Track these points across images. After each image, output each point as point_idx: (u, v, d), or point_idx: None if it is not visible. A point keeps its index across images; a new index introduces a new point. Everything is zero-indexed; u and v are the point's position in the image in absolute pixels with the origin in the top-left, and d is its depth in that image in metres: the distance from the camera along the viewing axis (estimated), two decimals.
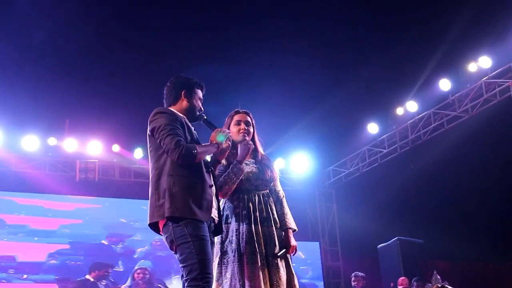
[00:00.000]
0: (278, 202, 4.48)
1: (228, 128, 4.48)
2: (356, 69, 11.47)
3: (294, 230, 4.41)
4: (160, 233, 3.83)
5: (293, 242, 4.33)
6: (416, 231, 11.68)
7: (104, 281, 11.14)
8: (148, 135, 3.93)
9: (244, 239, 4.18)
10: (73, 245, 11.49)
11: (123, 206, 11.91)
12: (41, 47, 10.37)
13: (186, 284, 3.66)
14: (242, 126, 4.46)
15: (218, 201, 4.03)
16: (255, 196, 4.35)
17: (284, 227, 4.37)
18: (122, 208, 11.89)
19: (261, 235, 4.21)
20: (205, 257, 3.65)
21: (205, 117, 4.12)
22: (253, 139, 4.50)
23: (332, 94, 11.49)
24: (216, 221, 3.96)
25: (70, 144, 11.59)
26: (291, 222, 4.41)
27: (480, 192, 11.73)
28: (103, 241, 11.72)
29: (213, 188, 3.93)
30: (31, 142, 11.28)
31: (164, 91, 4.18)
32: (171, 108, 4.06)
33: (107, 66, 10.69)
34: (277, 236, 4.28)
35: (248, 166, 4.41)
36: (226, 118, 4.56)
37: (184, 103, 4.09)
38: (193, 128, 4.06)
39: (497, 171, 11.97)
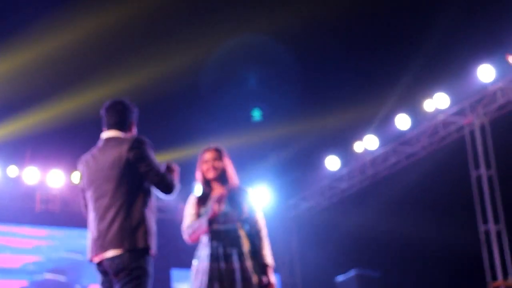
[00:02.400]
0: (256, 236, 4.50)
1: (200, 168, 4.59)
2: (314, 105, 11.65)
3: (272, 267, 4.46)
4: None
5: (272, 280, 4.39)
6: (375, 265, 11.80)
7: None
8: (127, 159, 3.86)
9: (204, 278, 4.23)
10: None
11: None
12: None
13: None
14: (209, 164, 4.54)
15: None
16: (221, 234, 4.37)
17: (262, 262, 4.42)
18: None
19: (222, 273, 4.24)
20: None
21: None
22: (223, 173, 4.56)
23: (293, 127, 11.66)
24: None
25: (31, 174, 11.41)
26: (268, 258, 4.45)
27: (437, 228, 11.92)
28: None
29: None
30: None
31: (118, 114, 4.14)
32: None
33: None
34: (241, 271, 4.27)
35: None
36: (198, 157, 4.64)
37: (134, 131, 4.18)
38: None
39: (455, 208, 12.17)
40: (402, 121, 11.08)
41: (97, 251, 3.79)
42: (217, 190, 4.53)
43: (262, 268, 4.38)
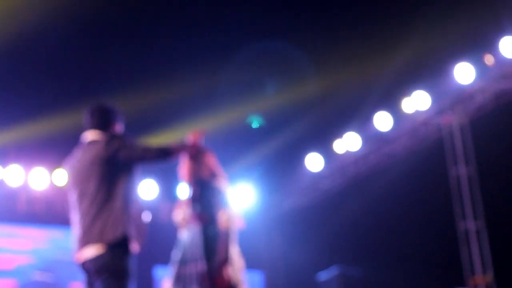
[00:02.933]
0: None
1: None
2: (304, 103, 11.66)
3: None
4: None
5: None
6: (357, 263, 11.91)
7: None
8: (105, 156, 3.99)
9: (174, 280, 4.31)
10: None
11: None
12: None
13: None
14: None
15: None
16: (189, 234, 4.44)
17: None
18: None
19: (186, 275, 4.35)
20: None
21: None
22: None
23: (276, 126, 11.72)
24: None
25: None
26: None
27: (419, 228, 12.03)
28: None
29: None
30: None
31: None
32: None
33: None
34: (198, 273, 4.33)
35: None
36: None
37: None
38: None
39: (437, 209, 12.28)
40: (383, 120, 11.16)
41: (80, 249, 3.85)
42: None
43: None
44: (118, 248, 3.75)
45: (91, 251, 3.76)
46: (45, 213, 11.78)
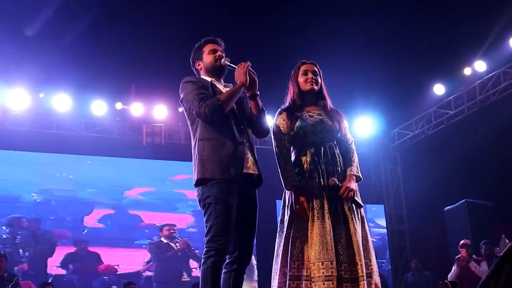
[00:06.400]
0: (346, 151, 4.30)
1: (296, 80, 4.36)
2: (422, 30, 11.17)
3: (357, 177, 4.21)
4: None
5: (349, 184, 4.10)
6: (483, 194, 11.43)
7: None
8: (180, 100, 4.14)
9: (312, 194, 4.07)
10: None
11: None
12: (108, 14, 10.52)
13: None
14: (310, 75, 4.31)
15: (254, 155, 4.07)
16: (321, 148, 4.18)
17: (347, 173, 4.18)
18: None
19: (326, 190, 4.08)
20: (223, 221, 3.79)
21: (228, 61, 4.17)
22: (321, 90, 4.36)
23: (397, 55, 11.25)
24: (255, 175, 4.05)
25: (136, 109, 11.86)
26: (354, 169, 4.21)
27: None
28: None
29: (246, 144, 4.02)
30: (99, 107, 11.58)
31: None
32: (201, 76, 4.23)
33: (169, 29, 10.75)
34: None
35: (313, 118, 4.25)
36: (293, 70, 4.41)
37: (201, 69, 4.25)
38: (229, 86, 4.18)
39: None
40: None
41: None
42: (310, 104, 4.33)
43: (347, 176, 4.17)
44: (200, 182, 3.99)
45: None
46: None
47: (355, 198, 4.12)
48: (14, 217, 10.97)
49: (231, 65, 4.13)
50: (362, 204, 4.19)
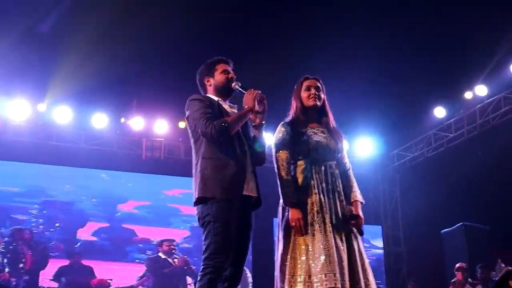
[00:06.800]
0: (345, 174, 4.30)
1: (298, 96, 4.33)
2: (426, 52, 11.22)
3: (362, 203, 4.24)
4: None
5: (361, 214, 4.17)
6: (481, 218, 11.42)
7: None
8: (186, 118, 4.15)
9: (314, 209, 4.05)
10: None
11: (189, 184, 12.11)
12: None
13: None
14: (313, 91, 4.29)
15: (256, 178, 4.10)
16: (321, 166, 4.18)
17: (351, 200, 4.21)
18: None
19: (327, 206, 4.07)
20: (221, 240, 3.82)
21: (238, 84, 4.18)
22: (323, 106, 4.34)
23: (399, 77, 11.29)
24: (254, 197, 4.06)
25: (137, 123, 11.87)
26: (358, 195, 4.24)
27: None
28: None
29: (248, 167, 4.04)
30: (100, 120, 11.60)
31: None
32: (208, 95, 4.21)
33: (172, 44, 10.79)
34: (339, 208, 4.11)
35: (317, 135, 4.24)
36: (295, 86, 4.39)
37: (210, 87, 4.24)
38: (235, 108, 4.20)
39: None
40: None
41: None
42: (313, 121, 4.30)
43: (354, 204, 4.20)
44: (202, 200, 3.98)
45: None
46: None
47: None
48: (16, 228, 10.96)
49: (241, 90, 4.15)
50: (364, 233, 4.21)
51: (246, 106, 4.06)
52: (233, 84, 4.18)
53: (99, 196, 11.98)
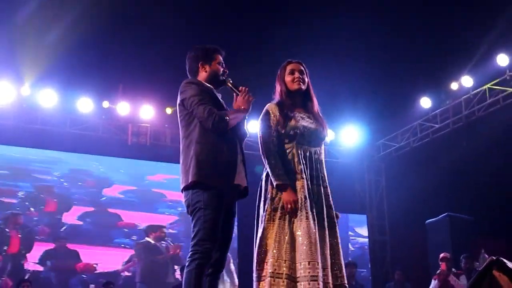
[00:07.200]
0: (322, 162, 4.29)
1: (283, 79, 4.30)
2: (411, 42, 11.24)
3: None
4: None
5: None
6: (466, 208, 11.48)
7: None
8: (178, 104, 4.11)
9: (302, 194, 4.01)
10: None
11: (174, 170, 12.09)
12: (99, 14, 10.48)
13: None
14: (297, 74, 4.25)
15: (245, 168, 4.14)
16: (307, 152, 4.16)
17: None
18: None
19: (311, 192, 4.05)
20: (210, 226, 3.83)
21: (230, 81, 4.22)
22: (308, 89, 4.31)
23: (386, 67, 11.31)
24: (243, 187, 4.10)
25: (123, 108, 11.80)
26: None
27: None
28: None
29: (239, 156, 4.07)
30: (85, 104, 11.51)
31: (186, 64, 4.31)
32: (198, 79, 4.19)
33: (159, 30, 10.73)
34: (324, 195, 4.11)
35: (304, 120, 4.20)
36: (279, 70, 4.34)
37: (203, 73, 4.22)
38: (220, 96, 4.21)
39: None
40: (502, 60, 10.55)
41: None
42: (299, 106, 4.28)
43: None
44: (193, 186, 3.97)
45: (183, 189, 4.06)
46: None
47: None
48: (13, 213, 10.93)
49: (234, 89, 4.19)
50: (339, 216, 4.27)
51: (243, 107, 4.10)
52: (226, 80, 4.21)
53: (84, 180, 11.92)
